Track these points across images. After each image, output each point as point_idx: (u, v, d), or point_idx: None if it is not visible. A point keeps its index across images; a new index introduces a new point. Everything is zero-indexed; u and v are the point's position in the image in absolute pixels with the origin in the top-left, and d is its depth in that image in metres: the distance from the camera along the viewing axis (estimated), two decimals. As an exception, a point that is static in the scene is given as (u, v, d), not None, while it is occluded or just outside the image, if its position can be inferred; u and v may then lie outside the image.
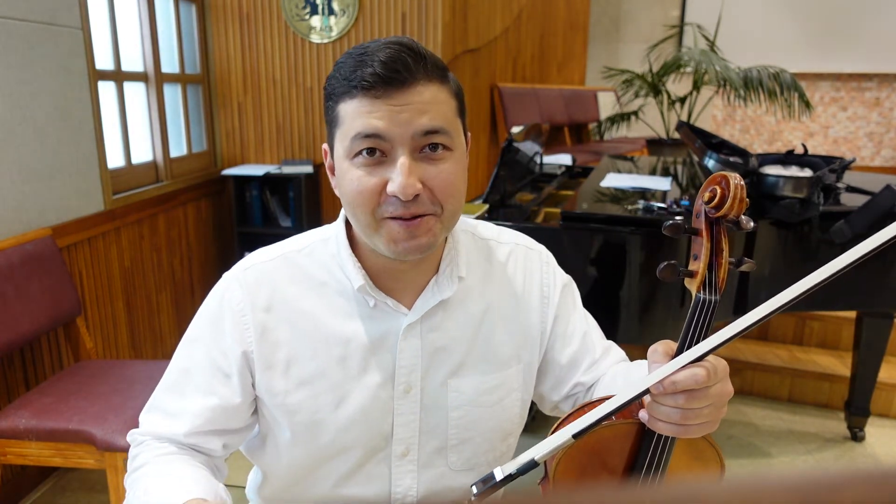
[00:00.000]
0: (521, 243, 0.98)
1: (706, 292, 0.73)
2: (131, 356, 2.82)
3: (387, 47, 0.76)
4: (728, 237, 0.76)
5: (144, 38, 2.98)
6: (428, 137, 0.77)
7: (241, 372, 0.87)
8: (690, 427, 0.70)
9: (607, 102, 5.97)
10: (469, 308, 0.91)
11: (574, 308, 0.99)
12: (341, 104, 0.78)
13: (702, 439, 0.77)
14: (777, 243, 2.14)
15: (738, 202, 0.72)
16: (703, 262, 0.74)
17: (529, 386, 0.97)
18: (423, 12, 3.24)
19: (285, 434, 0.88)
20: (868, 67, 6.54)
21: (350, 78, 0.76)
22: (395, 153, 0.77)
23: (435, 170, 0.78)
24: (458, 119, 0.82)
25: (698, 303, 0.73)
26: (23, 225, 2.17)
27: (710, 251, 0.75)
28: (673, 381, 0.67)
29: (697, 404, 0.68)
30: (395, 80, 0.75)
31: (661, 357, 0.71)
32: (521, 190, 2.59)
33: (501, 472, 0.69)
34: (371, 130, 0.76)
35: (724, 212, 0.72)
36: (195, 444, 0.88)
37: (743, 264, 0.74)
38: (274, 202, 3.52)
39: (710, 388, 0.68)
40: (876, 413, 2.69)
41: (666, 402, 0.69)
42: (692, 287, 0.75)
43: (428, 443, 0.91)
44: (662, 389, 0.67)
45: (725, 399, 0.71)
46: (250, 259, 0.91)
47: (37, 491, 2.24)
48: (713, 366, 0.68)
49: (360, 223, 0.81)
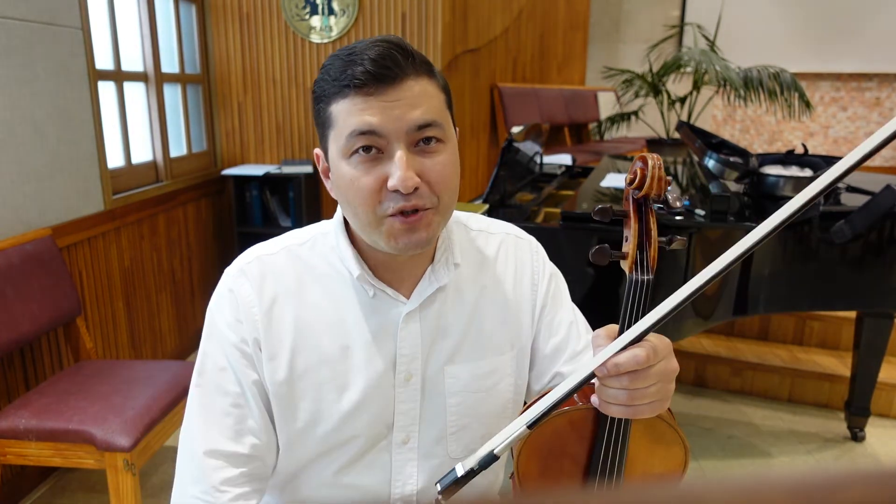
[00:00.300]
0: (511, 233, 1.01)
1: (638, 272, 0.75)
2: (131, 356, 2.82)
3: (375, 45, 0.77)
4: (657, 217, 0.78)
5: (144, 38, 2.98)
6: (422, 131, 0.78)
7: (255, 353, 0.88)
8: (639, 407, 0.70)
9: (607, 102, 5.97)
10: (464, 296, 0.93)
11: (562, 299, 1.00)
12: (333, 105, 0.79)
13: (661, 422, 0.78)
14: (777, 243, 2.14)
15: (656, 181, 0.74)
16: (633, 242, 0.76)
17: (523, 371, 0.98)
18: (423, 12, 3.24)
19: (288, 425, 0.89)
20: (868, 67, 6.54)
21: (340, 78, 0.77)
22: (392, 148, 0.78)
23: (431, 162, 0.79)
24: (448, 112, 0.84)
25: (632, 283, 0.74)
26: (23, 225, 2.17)
27: (639, 232, 0.76)
28: (615, 363, 0.67)
29: (643, 384, 0.69)
30: (386, 76, 0.76)
31: (604, 340, 0.72)
32: (521, 190, 2.59)
33: (462, 468, 0.70)
34: (366, 127, 0.76)
35: (646, 191, 0.75)
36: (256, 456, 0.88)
37: (674, 242, 0.76)
38: (274, 202, 3.52)
39: (653, 367, 0.69)
40: (876, 413, 2.69)
41: (612, 385, 0.69)
42: (625, 268, 0.76)
43: (428, 431, 0.92)
44: (606, 372, 0.68)
45: (671, 376, 0.72)
46: (253, 252, 0.92)
47: (37, 491, 2.24)
48: (654, 345, 0.69)
49: (360, 222, 0.82)
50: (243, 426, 0.87)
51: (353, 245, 0.89)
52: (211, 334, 0.89)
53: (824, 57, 6.60)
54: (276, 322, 0.87)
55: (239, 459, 0.86)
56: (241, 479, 0.86)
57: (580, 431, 0.78)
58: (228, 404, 0.87)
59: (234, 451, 0.86)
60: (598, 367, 0.68)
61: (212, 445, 0.85)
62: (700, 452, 2.50)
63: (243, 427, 0.87)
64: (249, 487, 0.87)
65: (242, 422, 0.87)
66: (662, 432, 0.79)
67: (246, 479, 0.87)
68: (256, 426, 0.87)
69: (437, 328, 0.91)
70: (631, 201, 0.77)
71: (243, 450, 0.86)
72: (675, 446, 0.80)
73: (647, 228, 0.77)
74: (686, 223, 2.01)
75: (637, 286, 0.74)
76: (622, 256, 0.76)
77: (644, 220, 0.77)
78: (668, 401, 0.74)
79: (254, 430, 0.87)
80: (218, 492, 0.84)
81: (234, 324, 0.87)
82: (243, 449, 0.86)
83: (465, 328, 0.92)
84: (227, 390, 0.87)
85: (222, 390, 0.87)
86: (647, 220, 0.77)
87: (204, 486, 0.84)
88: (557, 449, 0.79)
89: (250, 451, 0.87)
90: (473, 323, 0.93)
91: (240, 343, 0.87)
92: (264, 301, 0.87)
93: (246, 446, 0.86)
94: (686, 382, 3.04)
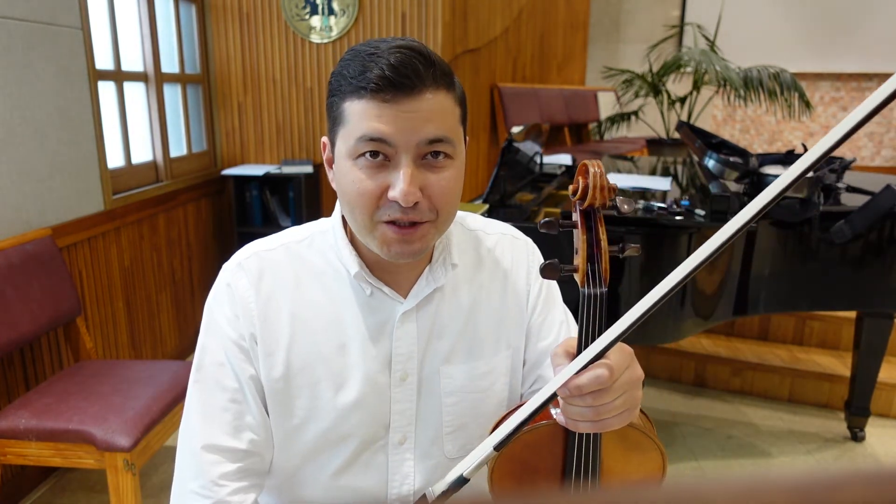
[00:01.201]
0: (508, 233, 1.01)
1: (590, 286, 0.72)
2: (131, 356, 2.82)
3: (398, 50, 0.76)
4: (605, 227, 0.74)
5: (144, 38, 2.98)
6: (432, 146, 0.78)
7: (252, 348, 0.88)
8: (607, 421, 0.69)
9: (607, 102, 5.97)
10: (460, 296, 0.93)
11: (554, 301, 1.00)
12: (347, 102, 0.78)
13: (633, 430, 0.76)
14: (777, 243, 2.14)
15: (599, 190, 0.71)
16: (583, 255, 0.73)
17: (518, 371, 0.99)
18: (423, 12, 3.24)
19: (284, 421, 0.89)
20: (868, 67, 6.53)
21: (358, 78, 0.76)
22: (399, 158, 0.77)
23: (435, 177, 0.79)
24: (461, 127, 0.84)
25: (585, 297, 0.71)
26: (23, 225, 2.17)
27: (588, 243, 0.74)
28: (577, 385, 0.66)
29: (608, 398, 0.67)
30: (404, 85, 0.75)
31: (563, 359, 0.71)
32: (521, 190, 2.59)
33: (433, 493, 0.69)
34: (377, 134, 0.76)
35: (590, 201, 0.72)
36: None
37: (626, 250, 0.73)
38: (274, 202, 3.52)
39: (616, 381, 0.68)
40: (876, 413, 2.69)
41: (576, 403, 0.68)
42: (578, 281, 0.74)
43: (424, 431, 0.92)
44: (568, 394, 0.67)
45: (637, 383, 0.71)
46: (251, 248, 0.92)
47: (37, 491, 2.24)
48: (613, 362, 0.67)
49: (356, 223, 0.82)
50: (241, 422, 0.87)
51: (351, 243, 0.89)
52: (209, 329, 0.89)
53: (824, 57, 6.60)
54: (272, 318, 0.87)
55: (237, 455, 0.86)
56: (239, 473, 0.86)
57: (550, 447, 0.77)
58: (227, 400, 0.87)
59: (232, 447, 0.86)
60: (559, 388, 0.67)
61: (210, 440, 0.86)
62: (700, 452, 2.50)
63: (241, 423, 0.87)
64: (248, 482, 0.87)
65: (240, 417, 0.87)
66: (637, 440, 0.77)
67: (244, 474, 0.87)
68: (254, 422, 0.87)
69: (433, 328, 0.91)
70: (578, 212, 0.75)
71: (241, 445, 0.86)
72: (650, 452, 0.78)
73: (597, 239, 0.74)
74: (686, 223, 2.01)
75: (590, 300, 0.71)
76: (573, 270, 0.74)
77: (593, 230, 0.74)
78: (637, 408, 0.72)
79: (252, 425, 0.87)
80: (216, 486, 0.85)
81: (231, 319, 0.87)
82: (241, 444, 0.86)
83: (462, 328, 0.93)
84: (225, 386, 0.87)
85: (220, 386, 0.87)
86: (595, 230, 0.74)
87: (203, 481, 0.85)
88: (531, 465, 0.78)
89: (248, 446, 0.87)
90: (469, 323, 0.93)
91: (237, 338, 0.87)
92: (261, 297, 0.87)
93: (244, 442, 0.87)
94: (686, 382, 3.04)
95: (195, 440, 0.86)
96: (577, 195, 0.74)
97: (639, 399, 0.72)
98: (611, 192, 0.72)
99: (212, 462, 0.85)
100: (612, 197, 0.73)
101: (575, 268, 0.74)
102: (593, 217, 0.75)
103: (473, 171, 4.06)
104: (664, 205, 2.08)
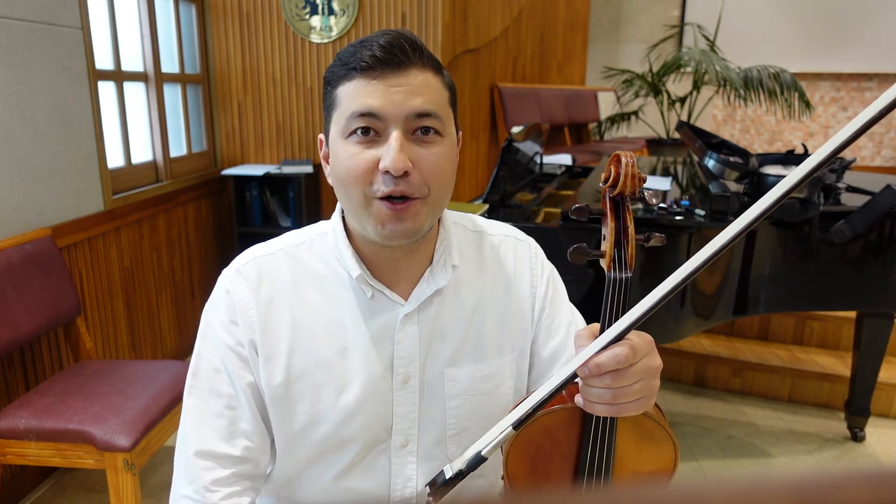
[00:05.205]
0: (511, 234, 1.00)
1: (616, 270, 0.75)
2: (131, 356, 2.82)
3: (386, 34, 0.79)
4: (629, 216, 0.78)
5: (144, 38, 2.98)
6: (420, 120, 0.79)
7: (251, 355, 0.88)
8: (624, 405, 0.70)
9: (607, 102, 5.97)
10: (463, 298, 0.93)
11: (561, 301, 1.00)
12: (339, 87, 0.81)
13: (649, 420, 0.78)
14: (777, 243, 2.14)
15: (630, 178, 0.75)
16: (610, 241, 0.76)
17: (523, 373, 0.98)
18: (423, 12, 3.24)
19: (285, 426, 0.89)
20: (868, 67, 6.54)
21: (349, 62, 0.79)
22: (389, 131, 0.79)
23: (426, 152, 0.80)
24: (451, 109, 0.84)
25: (611, 281, 0.75)
26: (23, 225, 2.17)
27: (616, 230, 0.77)
28: (596, 363, 0.67)
29: (626, 381, 0.68)
30: (391, 61, 0.78)
31: (585, 340, 0.72)
32: (521, 190, 2.59)
33: (451, 470, 0.70)
34: (366, 109, 0.78)
35: (620, 189, 0.75)
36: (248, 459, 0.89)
37: (651, 239, 0.77)
38: (274, 202, 3.52)
39: (635, 364, 0.69)
40: (876, 413, 2.69)
41: (595, 384, 0.69)
42: (604, 266, 0.77)
43: (427, 434, 0.92)
44: (588, 372, 0.68)
45: (655, 372, 0.72)
46: (250, 253, 0.91)
47: (37, 491, 2.24)
48: (635, 343, 0.69)
49: (351, 202, 0.82)
50: (236, 428, 0.87)
51: (351, 245, 0.88)
52: (206, 336, 0.89)
53: (824, 57, 6.60)
54: (272, 323, 0.87)
55: (230, 461, 0.86)
56: (233, 478, 0.87)
57: (567, 431, 0.78)
58: (222, 406, 0.87)
59: (225, 453, 0.86)
60: (579, 367, 0.68)
61: (203, 446, 0.86)
62: (700, 452, 2.50)
63: (236, 429, 0.87)
64: (241, 486, 0.87)
65: (235, 424, 0.87)
66: (650, 430, 0.79)
67: (237, 479, 0.87)
68: (249, 428, 0.87)
69: (435, 330, 0.91)
70: (607, 200, 0.78)
71: (235, 452, 0.86)
72: (664, 443, 0.79)
73: (625, 226, 0.77)
74: (686, 223, 2.01)
75: (616, 284, 0.75)
76: (600, 255, 0.77)
77: (621, 218, 0.77)
78: (654, 397, 0.73)
79: (246, 432, 0.87)
80: (208, 492, 0.85)
81: (229, 325, 0.87)
82: (235, 451, 0.86)
83: (465, 330, 0.92)
84: (220, 392, 0.87)
85: (216, 392, 0.87)
86: (623, 218, 0.77)
87: (195, 486, 0.85)
88: (546, 449, 0.79)
89: (242, 453, 0.87)
90: (473, 325, 0.92)
91: (235, 345, 0.87)
92: (261, 302, 0.87)
93: (238, 448, 0.87)
94: (686, 382, 3.04)
95: (189, 446, 0.87)
96: (608, 182, 0.76)
97: (656, 388, 0.73)
98: (640, 182, 0.75)
99: (204, 468, 0.85)
100: (641, 187, 0.76)
101: (602, 253, 0.77)
102: (622, 205, 0.78)
103: (473, 171, 4.06)
104: (664, 205, 2.08)
